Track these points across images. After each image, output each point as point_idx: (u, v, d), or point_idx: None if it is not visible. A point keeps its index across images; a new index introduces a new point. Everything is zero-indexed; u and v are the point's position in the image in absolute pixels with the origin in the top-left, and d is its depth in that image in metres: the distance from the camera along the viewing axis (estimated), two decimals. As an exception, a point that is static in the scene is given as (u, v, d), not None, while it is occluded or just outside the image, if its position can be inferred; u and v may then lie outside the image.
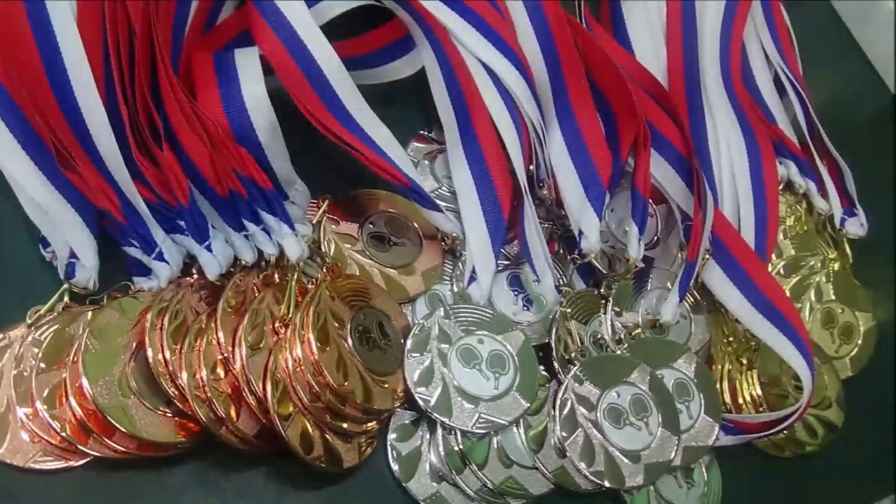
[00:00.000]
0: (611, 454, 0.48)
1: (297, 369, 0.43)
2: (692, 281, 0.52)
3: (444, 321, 0.48)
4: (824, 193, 0.63)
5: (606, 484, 0.47)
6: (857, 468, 0.57)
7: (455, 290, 0.51)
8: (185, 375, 0.42)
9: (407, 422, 0.47)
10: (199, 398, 0.42)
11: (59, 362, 0.42)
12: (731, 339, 0.56)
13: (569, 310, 0.52)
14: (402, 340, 0.48)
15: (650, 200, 0.54)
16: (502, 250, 0.52)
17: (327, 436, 0.44)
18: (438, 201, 0.51)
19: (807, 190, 0.63)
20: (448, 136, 0.54)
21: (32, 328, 0.43)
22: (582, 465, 0.47)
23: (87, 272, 0.44)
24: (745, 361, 0.55)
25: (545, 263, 0.50)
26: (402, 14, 0.54)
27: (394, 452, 0.46)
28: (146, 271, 0.45)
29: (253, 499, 0.44)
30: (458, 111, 0.53)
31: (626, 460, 0.48)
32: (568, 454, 0.47)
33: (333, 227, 0.51)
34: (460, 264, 0.52)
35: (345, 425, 0.45)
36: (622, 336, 0.52)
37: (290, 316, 0.45)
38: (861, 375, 0.59)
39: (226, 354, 0.43)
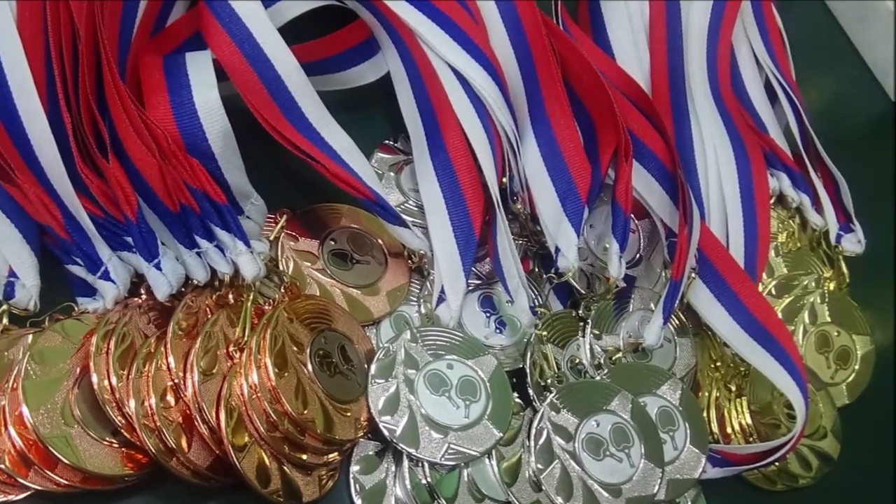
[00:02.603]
0: (590, 488, 0.49)
1: (253, 396, 0.45)
2: (677, 301, 0.53)
3: (411, 345, 0.49)
4: (819, 207, 0.65)
5: (585, 519, 0.48)
6: (853, 503, 0.59)
7: (422, 311, 0.53)
8: (132, 403, 0.43)
9: (371, 453, 0.48)
10: (148, 427, 0.43)
11: (-3, 389, 0.43)
12: (718, 364, 0.57)
13: (545, 332, 0.53)
14: (366, 365, 0.49)
15: (632, 215, 0.55)
16: (473, 269, 0.53)
17: (285, 468, 0.45)
18: (405, 216, 0.52)
19: (800, 204, 0.64)
20: (415, 147, 0.55)
21: (-32, 352, 0.44)
22: (559, 500, 0.48)
23: (28, 292, 0.45)
24: (733, 388, 0.56)
25: (519, 283, 0.51)
26: (366, 15, 0.55)
27: (357, 486, 0.47)
28: (91, 291, 0.46)
29: (205, 535, 0.45)
30: (426, 119, 0.55)
31: (606, 494, 0.49)
32: (544, 488, 0.48)
33: (292, 243, 0.52)
34: (428, 284, 0.53)
35: (304, 457, 0.46)
36: (602, 361, 0.53)
37: (245, 339, 0.46)
38: (858, 403, 0.61)
39: (176, 380, 0.44)
